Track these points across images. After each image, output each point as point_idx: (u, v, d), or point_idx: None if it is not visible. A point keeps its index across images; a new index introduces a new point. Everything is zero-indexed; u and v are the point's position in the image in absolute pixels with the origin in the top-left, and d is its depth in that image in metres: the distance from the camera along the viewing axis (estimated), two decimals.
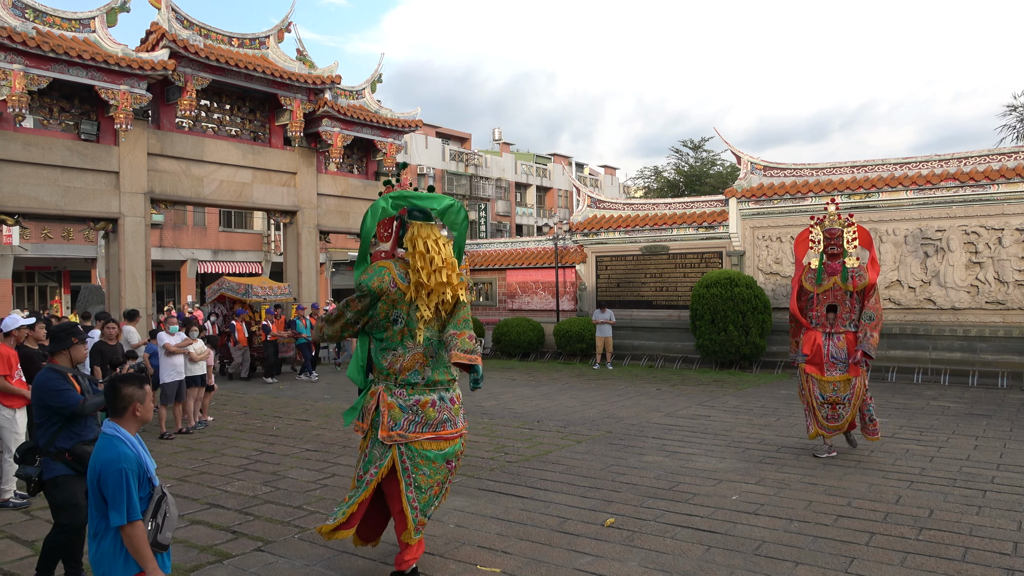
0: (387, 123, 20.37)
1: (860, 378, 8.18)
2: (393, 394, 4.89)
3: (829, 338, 8.29)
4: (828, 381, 8.16)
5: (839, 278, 8.26)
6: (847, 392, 8.11)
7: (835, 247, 8.36)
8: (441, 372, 5.01)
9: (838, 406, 8.14)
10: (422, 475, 4.82)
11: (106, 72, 14.97)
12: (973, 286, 14.89)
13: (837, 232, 8.38)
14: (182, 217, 34.48)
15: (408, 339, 4.93)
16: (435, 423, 4.88)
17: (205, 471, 8.12)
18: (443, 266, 4.96)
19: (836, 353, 8.21)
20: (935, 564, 5.02)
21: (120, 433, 3.18)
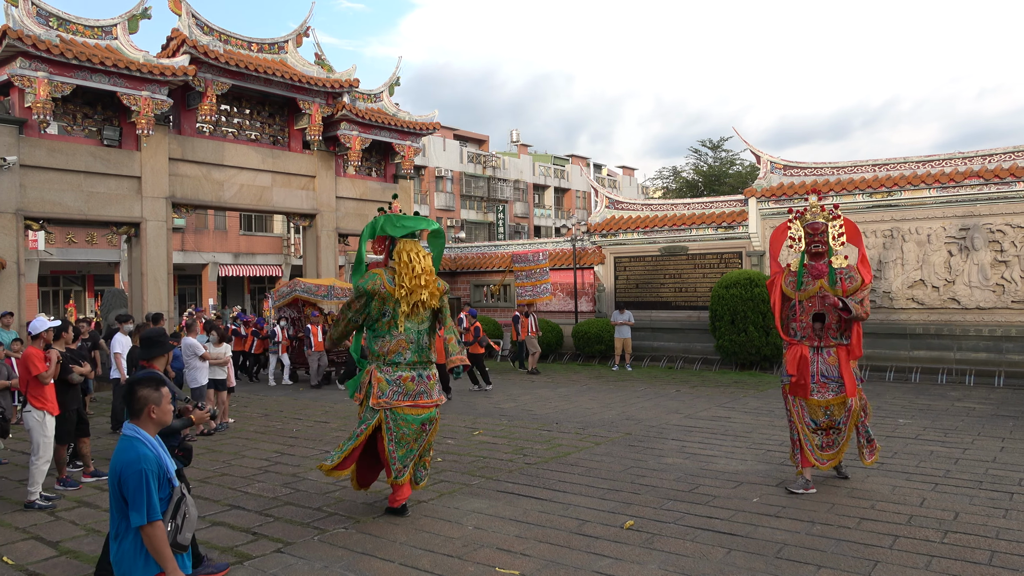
0: (405, 126, 20.44)
1: (861, 398, 7.07)
2: (382, 371, 6.40)
3: (817, 353, 6.90)
4: (819, 404, 6.85)
5: (826, 281, 6.93)
6: (842, 415, 6.87)
7: (819, 244, 7.04)
8: (420, 355, 6.50)
9: (832, 431, 6.94)
10: (401, 433, 6.32)
11: (128, 78, 15.15)
12: (999, 285, 14.66)
13: (821, 227, 7.05)
14: (203, 221, 34.83)
15: (394, 329, 6.43)
16: (413, 394, 6.41)
17: (226, 472, 8.18)
18: (421, 273, 6.47)
19: (827, 371, 6.84)
20: (961, 568, 4.94)
21: (140, 434, 3.20)
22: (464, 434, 10.13)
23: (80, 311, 31.83)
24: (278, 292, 17.94)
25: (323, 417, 11.84)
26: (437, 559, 5.31)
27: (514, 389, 14.66)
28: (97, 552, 5.58)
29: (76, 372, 7.80)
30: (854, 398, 6.83)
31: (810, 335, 6.94)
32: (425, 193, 45.68)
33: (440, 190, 47.06)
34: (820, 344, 6.91)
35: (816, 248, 7.05)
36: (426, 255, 6.66)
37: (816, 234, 7.06)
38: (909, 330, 15.33)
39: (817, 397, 6.85)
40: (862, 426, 7.09)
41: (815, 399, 6.84)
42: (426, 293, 6.45)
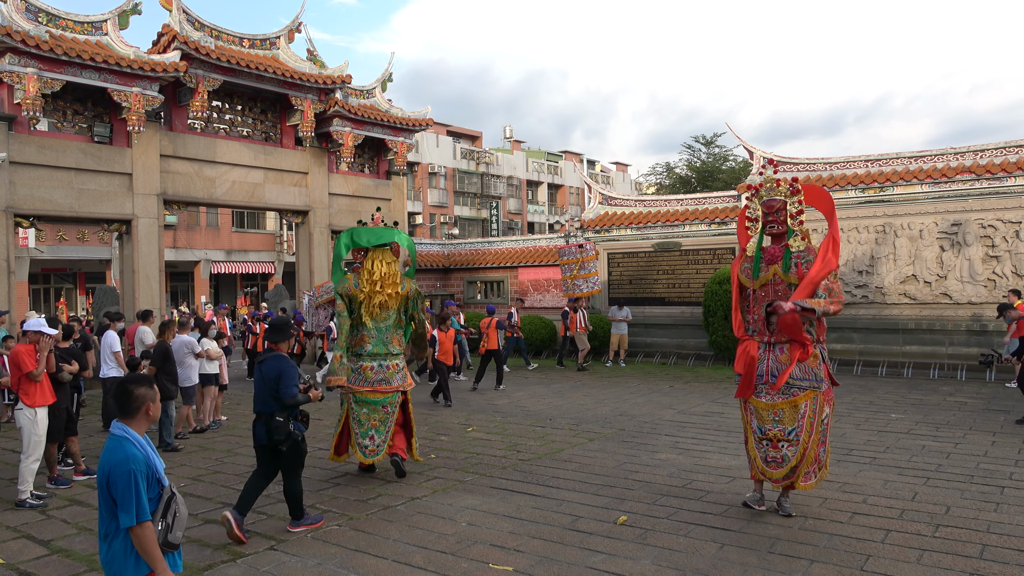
0: (398, 122, 20.38)
1: (814, 403, 5.79)
2: (349, 361, 7.59)
3: (769, 350, 5.98)
4: (767, 408, 5.90)
5: (780, 267, 5.99)
6: (793, 425, 5.80)
7: (776, 225, 6.07)
8: (380, 348, 7.61)
9: (781, 444, 5.83)
10: (362, 414, 7.52)
11: (118, 74, 15.05)
12: (990, 280, 14.72)
13: (777, 204, 6.06)
14: (195, 218, 34.70)
15: (360, 325, 7.62)
16: (372, 380, 7.54)
17: (219, 471, 8.15)
18: (379, 279, 7.60)
19: (778, 370, 5.91)
20: (952, 561, 4.96)
21: (129, 434, 3.18)
22: (458, 431, 10.12)
23: (71, 309, 31.70)
24: (322, 288, 17.54)
25: (316, 414, 11.81)
26: (431, 556, 5.30)
27: (508, 386, 14.65)
28: (89, 551, 5.57)
29: (66, 370, 7.76)
30: (809, 401, 5.82)
31: (761, 329, 6.04)
32: (418, 189, 45.60)
33: (433, 186, 46.98)
34: (771, 339, 5.97)
35: (773, 228, 6.10)
36: (390, 262, 7.75)
37: (772, 212, 6.08)
38: (901, 325, 15.39)
39: (765, 399, 5.93)
40: (821, 447, 5.95)
41: (763, 401, 5.94)
42: (382, 296, 7.59)
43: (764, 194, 6.17)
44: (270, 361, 6.01)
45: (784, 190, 6.10)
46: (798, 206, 6.07)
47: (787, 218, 6.07)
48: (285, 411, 5.88)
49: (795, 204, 6.08)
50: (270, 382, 5.90)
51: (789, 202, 6.08)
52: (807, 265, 5.86)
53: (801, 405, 5.80)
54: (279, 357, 6.04)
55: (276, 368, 5.91)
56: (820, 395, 5.81)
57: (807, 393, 5.81)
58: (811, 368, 5.84)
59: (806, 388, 5.82)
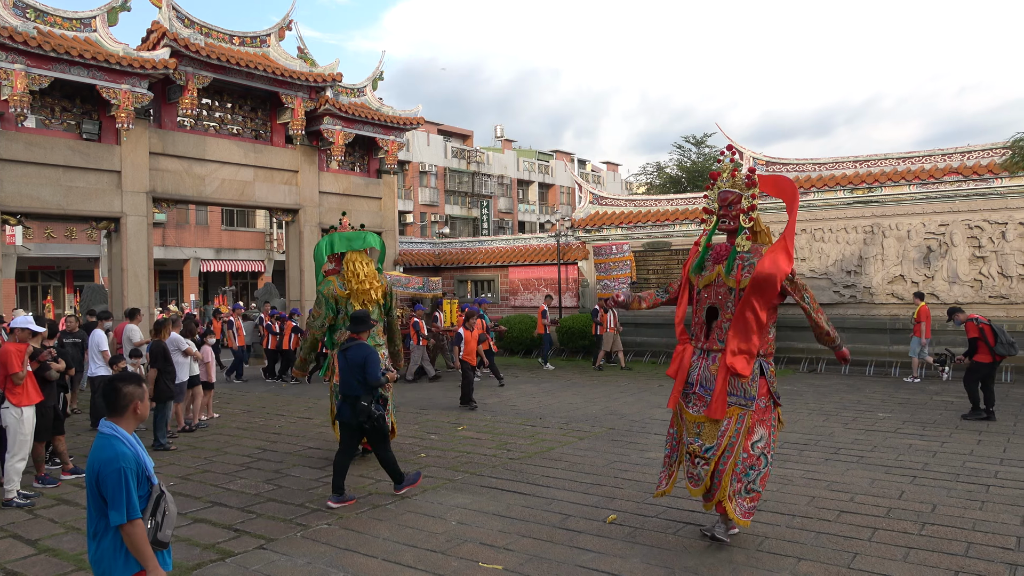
0: (389, 121, 20.35)
1: (739, 422, 5.14)
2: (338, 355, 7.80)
3: (703, 356, 5.39)
4: (693, 421, 5.31)
5: (723, 267, 5.37)
6: (711, 443, 5.16)
7: (728, 219, 5.42)
8: (371, 340, 7.78)
9: (698, 460, 5.24)
10: None
11: (107, 71, 14.97)
12: (977, 280, 14.84)
13: (731, 197, 5.40)
14: (184, 216, 34.53)
15: (347, 322, 8.08)
16: None
17: (208, 469, 8.13)
18: (364, 279, 8.43)
19: (706, 380, 5.28)
20: (938, 559, 5.01)
21: (118, 432, 3.17)
22: (448, 430, 10.12)
23: (58, 307, 31.48)
24: None
25: (306, 413, 11.79)
26: (420, 554, 5.31)
27: (497, 385, 14.65)
28: (76, 550, 5.54)
29: (54, 368, 7.72)
30: (729, 422, 5.12)
31: (699, 333, 5.52)
32: (409, 188, 45.53)
33: (424, 185, 46.92)
34: (704, 345, 5.42)
35: (725, 223, 5.44)
36: (368, 262, 8.63)
37: (725, 205, 5.43)
38: (889, 325, 15.49)
39: (692, 411, 5.32)
40: (744, 470, 5.14)
41: (690, 413, 5.33)
42: (371, 292, 8.42)
43: (721, 184, 5.52)
44: (355, 349, 6.73)
45: (740, 181, 5.42)
46: (751, 200, 5.36)
47: (739, 213, 5.36)
48: (368, 395, 6.60)
49: (749, 199, 5.36)
50: (356, 367, 6.62)
51: (744, 196, 5.37)
52: (749, 269, 5.14)
53: (723, 422, 5.10)
54: (363, 345, 6.78)
55: (362, 355, 6.65)
56: (749, 415, 5.08)
57: (732, 410, 5.11)
58: (741, 384, 5.13)
59: (731, 404, 5.12)
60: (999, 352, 10.09)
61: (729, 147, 5.71)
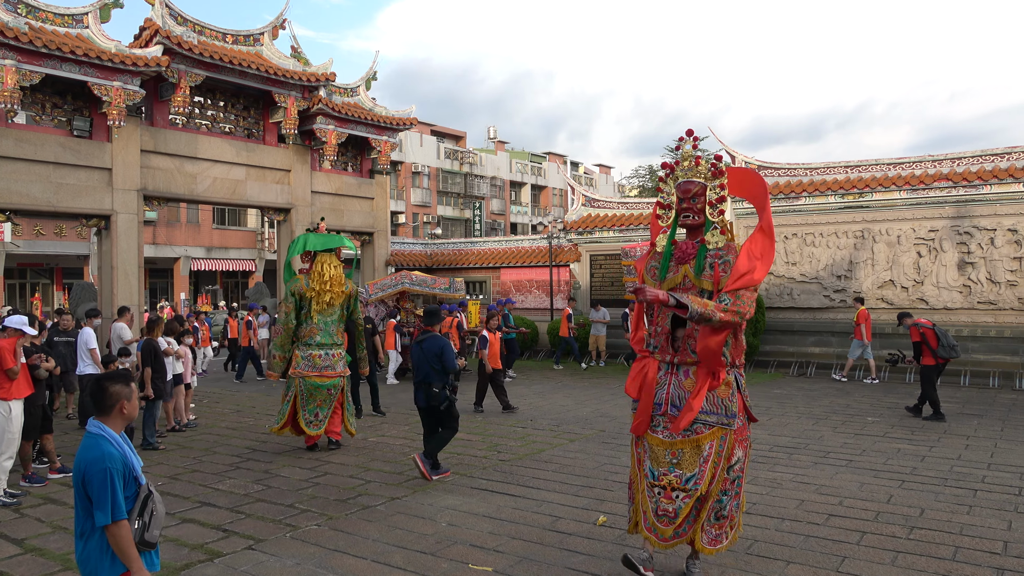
0: (382, 121, 20.31)
1: (721, 444, 4.49)
2: (299, 350, 8.94)
3: (672, 372, 4.64)
4: (664, 446, 4.54)
5: (692, 267, 4.65)
6: (693, 470, 4.47)
7: (692, 214, 4.70)
8: (327, 339, 8.98)
9: (676, 494, 4.50)
10: (309, 395, 8.82)
11: (99, 68, 14.88)
12: (965, 286, 14.94)
13: (694, 189, 4.67)
14: (175, 214, 34.38)
15: (309, 319, 8.97)
16: (320, 367, 8.89)
17: (197, 469, 8.09)
18: (327, 280, 8.96)
19: (679, 399, 4.56)
20: (925, 563, 5.03)
21: (105, 432, 3.15)
22: None
23: (47, 304, 31.27)
24: (377, 285, 16.95)
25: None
26: (410, 556, 5.30)
27: None
28: (63, 550, 5.51)
29: (43, 367, 7.67)
30: (715, 441, 4.49)
31: (664, 345, 4.69)
32: (402, 189, 45.47)
33: (417, 186, 46.88)
34: (675, 359, 4.63)
35: (688, 219, 4.71)
36: (336, 265, 9.14)
37: (688, 198, 4.69)
38: (878, 329, 15.57)
39: (662, 435, 4.56)
40: (721, 493, 4.55)
41: (659, 437, 4.57)
42: (331, 295, 9.00)
43: (680, 175, 4.79)
44: (430, 340, 7.53)
45: (704, 171, 4.71)
46: (719, 192, 4.67)
47: (705, 207, 4.68)
48: (441, 382, 7.38)
49: (716, 190, 4.67)
50: (432, 356, 7.41)
51: (710, 187, 4.68)
52: (725, 268, 4.52)
53: (705, 446, 4.44)
54: (437, 336, 7.59)
55: (439, 345, 7.47)
56: (731, 434, 4.48)
57: (714, 431, 4.46)
58: (721, 400, 4.48)
59: (713, 425, 4.47)
60: (941, 355, 10.61)
61: (689, 132, 4.83)
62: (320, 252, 9.13)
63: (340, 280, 9.11)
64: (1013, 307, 14.44)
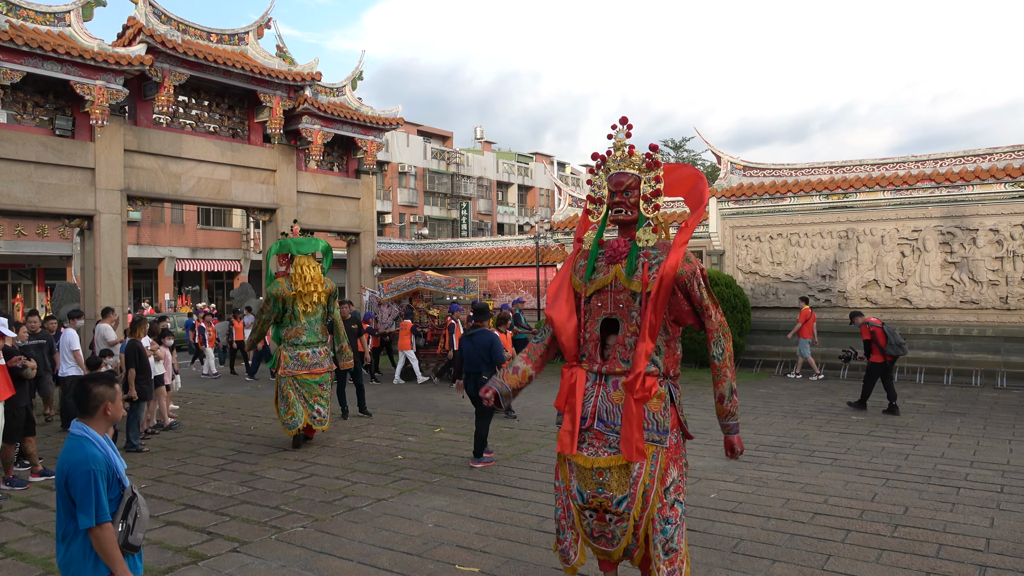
0: (368, 121, 20.25)
1: (652, 463, 3.87)
2: (286, 350, 9.29)
3: (599, 384, 4.05)
4: (590, 468, 3.93)
5: (623, 267, 4.08)
6: (624, 492, 3.87)
7: (623, 209, 4.16)
8: (313, 337, 9.37)
9: (609, 517, 3.93)
10: (305, 392, 9.18)
11: (82, 67, 14.74)
12: (948, 286, 15.08)
13: (628, 181, 4.15)
14: (160, 214, 34.11)
15: (294, 320, 9.34)
16: (308, 364, 9.24)
17: (181, 471, 8.02)
18: (309, 281, 9.34)
19: (607, 413, 3.97)
20: (910, 560, 5.07)
21: (88, 434, 3.11)
22: (425, 431, 10.08)
23: (28, 305, 30.94)
24: (391, 284, 16.92)
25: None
26: (396, 557, 5.28)
27: None
28: (45, 554, 5.44)
29: (29, 367, 7.58)
30: (643, 464, 3.85)
31: (592, 353, 4.14)
32: (388, 189, 45.35)
33: (403, 186, 46.77)
34: (603, 368, 4.05)
35: (620, 214, 4.19)
36: (315, 266, 9.52)
37: (619, 191, 4.17)
38: None
39: (587, 453, 3.96)
40: (660, 523, 3.87)
41: (585, 457, 3.95)
42: (315, 295, 9.37)
43: (612, 166, 4.27)
44: (480, 334, 8.33)
45: (638, 162, 4.19)
46: (654, 185, 4.16)
47: (639, 201, 4.16)
48: (490, 371, 8.02)
49: (651, 183, 4.17)
50: (482, 349, 8.24)
51: (644, 179, 4.17)
52: (656, 268, 3.96)
53: (634, 466, 3.85)
54: (486, 331, 8.38)
55: (488, 339, 8.27)
56: (663, 452, 3.89)
57: (646, 448, 3.87)
58: (653, 414, 3.90)
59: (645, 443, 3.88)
60: (889, 352, 11.21)
61: (623, 120, 4.31)
62: (297, 255, 9.51)
63: (321, 280, 9.51)
64: (995, 306, 14.59)
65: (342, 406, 11.34)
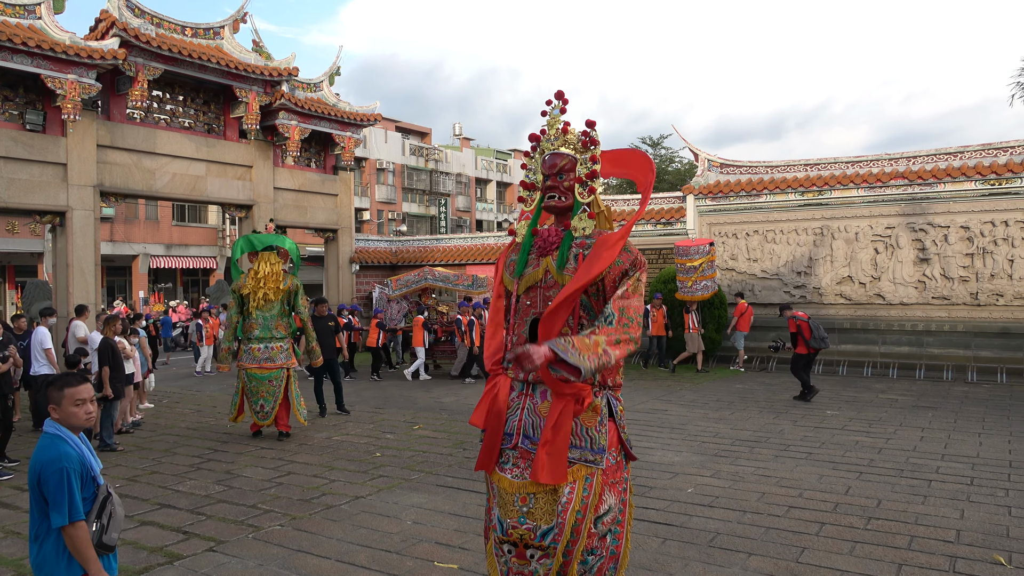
0: (345, 116, 20.13)
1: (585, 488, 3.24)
2: (242, 343, 9.64)
3: (526, 393, 3.42)
4: (513, 492, 3.31)
5: (554, 260, 3.48)
6: (551, 523, 3.23)
7: (558, 194, 3.56)
8: (265, 333, 9.57)
9: (531, 552, 3.26)
10: (253, 387, 9.48)
11: (53, 60, 14.49)
12: (920, 282, 15.31)
13: (562, 163, 3.56)
14: (134, 211, 33.65)
15: (249, 315, 9.62)
16: (258, 359, 9.50)
17: (156, 471, 7.94)
18: (262, 278, 9.58)
19: (534, 429, 3.33)
20: (882, 552, 5.15)
21: (62, 432, 3.07)
22: (404, 428, 10.06)
23: None
24: (400, 281, 16.85)
25: None
26: (375, 555, 5.26)
27: (455, 384, 14.61)
28: (16, 555, 5.36)
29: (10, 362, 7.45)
30: (577, 487, 3.24)
31: None
32: (366, 185, 45.11)
33: (381, 182, 46.54)
34: (532, 378, 3.39)
35: (554, 199, 3.57)
36: (274, 263, 9.71)
37: (553, 174, 3.58)
38: (837, 324, 15.89)
39: (510, 475, 3.35)
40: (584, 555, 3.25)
41: (507, 478, 3.35)
42: (265, 291, 9.56)
43: (546, 146, 3.70)
44: None
45: (574, 141, 3.62)
46: (591, 166, 3.57)
47: (574, 185, 3.56)
48: None
49: (587, 164, 3.58)
50: None
51: (580, 160, 3.59)
52: (595, 261, 3.34)
53: (563, 490, 3.23)
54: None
55: None
56: (598, 475, 3.28)
57: (575, 470, 3.25)
58: (586, 429, 3.30)
59: (574, 462, 3.26)
60: (813, 345, 11.95)
61: (559, 94, 3.75)
62: (261, 251, 9.74)
63: (276, 277, 9.68)
64: (966, 302, 14.84)
65: (319, 404, 11.28)
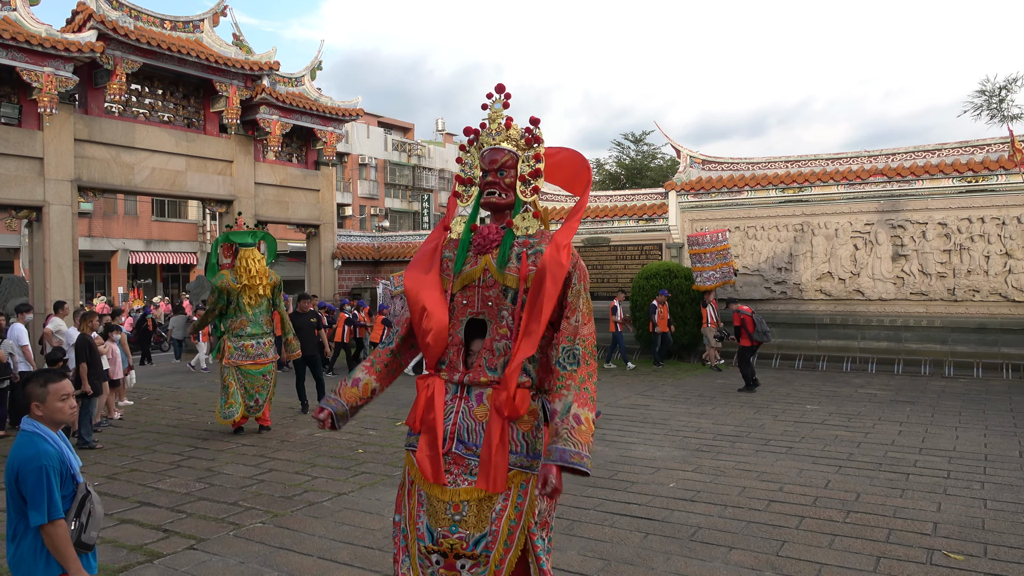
0: (327, 111, 20.01)
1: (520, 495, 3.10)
2: (231, 340, 9.60)
3: (461, 396, 3.21)
4: (445, 501, 3.11)
5: (494, 259, 3.29)
6: (484, 530, 3.07)
7: (498, 190, 3.38)
8: (257, 329, 9.69)
9: (462, 562, 3.09)
10: (247, 383, 9.55)
11: (28, 53, 14.29)
12: (899, 278, 15.49)
13: (503, 158, 3.38)
14: (112, 206, 33.29)
15: (238, 312, 9.63)
16: (252, 355, 9.60)
17: (136, 468, 7.87)
18: (255, 275, 9.63)
19: (468, 433, 3.15)
20: (861, 545, 5.22)
21: (40, 430, 3.04)
22: (386, 425, 10.04)
23: None
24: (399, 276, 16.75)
25: None
26: (357, 551, 5.25)
27: None
28: None
29: None
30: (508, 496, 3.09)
31: (454, 360, 3.26)
32: (348, 180, 44.89)
33: (364, 178, 46.34)
34: (466, 378, 3.22)
35: (493, 196, 3.39)
36: (260, 259, 9.81)
37: (493, 170, 3.39)
38: (817, 320, 16.04)
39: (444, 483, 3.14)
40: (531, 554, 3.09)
41: (443, 486, 3.13)
42: (260, 288, 9.66)
43: (486, 140, 3.50)
44: None
45: (516, 137, 3.46)
46: (534, 164, 3.42)
47: (515, 182, 3.41)
48: None
49: (530, 162, 3.42)
50: None
51: (522, 157, 3.43)
52: (535, 259, 3.21)
53: (499, 497, 3.09)
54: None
55: None
56: (533, 481, 3.12)
57: (511, 476, 3.09)
58: (523, 435, 3.15)
59: (511, 468, 3.10)
60: (755, 339, 12.59)
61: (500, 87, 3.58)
62: (242, 248, 9.79)
63: (266, 272, 9.82)
64: (943, 298, 15.03)
65: (301, 400, 11.23)
